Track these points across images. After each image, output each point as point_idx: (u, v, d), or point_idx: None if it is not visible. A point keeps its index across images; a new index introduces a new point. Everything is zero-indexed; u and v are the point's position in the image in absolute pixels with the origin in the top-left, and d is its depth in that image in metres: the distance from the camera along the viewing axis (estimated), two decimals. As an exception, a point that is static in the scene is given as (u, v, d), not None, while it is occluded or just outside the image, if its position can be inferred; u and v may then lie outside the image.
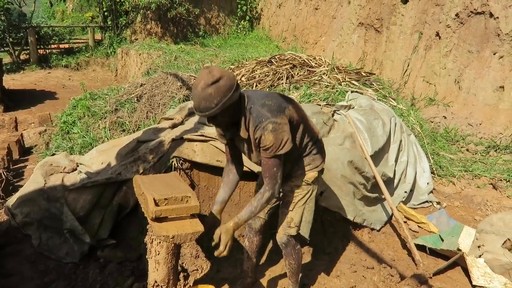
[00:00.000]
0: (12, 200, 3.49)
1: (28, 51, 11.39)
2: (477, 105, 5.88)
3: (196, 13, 11.53)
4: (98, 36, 13.02)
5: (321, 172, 2.39)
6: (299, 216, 2.35)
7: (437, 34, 6.58)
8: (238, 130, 2.11)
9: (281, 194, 2.42)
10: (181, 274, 2.83)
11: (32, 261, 3.13)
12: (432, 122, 6.03)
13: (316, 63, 5.85)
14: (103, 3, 11.85)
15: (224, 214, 3.14)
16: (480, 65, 5.90)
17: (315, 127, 2.38)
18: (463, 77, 6.12)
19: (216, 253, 2.15)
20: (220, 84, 1.89)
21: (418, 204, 4.03)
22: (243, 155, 2.39)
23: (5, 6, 10.18)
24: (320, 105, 4.04)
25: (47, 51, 12.02)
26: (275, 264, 3.01)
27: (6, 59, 10.82)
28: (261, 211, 2.21)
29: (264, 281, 2.86)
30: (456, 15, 6.21)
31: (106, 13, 12.09)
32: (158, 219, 2.00)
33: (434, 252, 3.21)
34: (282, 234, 2.42)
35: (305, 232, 2.41)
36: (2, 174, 4.09)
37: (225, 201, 2.43)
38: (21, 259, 3.16)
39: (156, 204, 1.98)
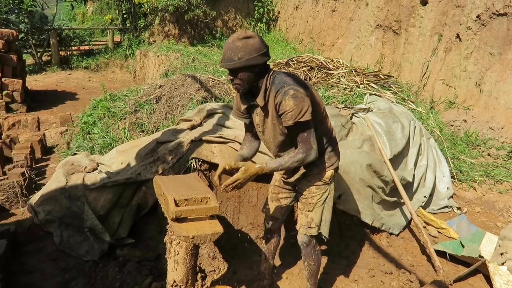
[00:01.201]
0: (35, 198, 3.57)
1: (50, 53, 11.65)
2: (499, 109, 5.75)
3: (213, 15, 11.61)
4: (117, 38, 13.23)
5: (336, 170, 2.39)
6: (319, 216, 2.36)
7: (458, 36, 6.47)
8: (255, 96, 2.14)
9: (299, 195, 2.42)
10: (199, 275, 2.86)
11: (53, 258, 3.19)
12: (452, 125, 5.93)
13: (333, 66, 5.82)
14: (122, 5, 12.04)
15: (241, 215, 3.17)
16: (503, 67, 5.78)
17: (330, 124, 2.38)
18: (484, 80, 5.99)
19: (214, 179, 2.16)
20: (249, 42, 1.99)
21: (437, 209, 3.96)
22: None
23: (29, 9, 10.43)
24: (338, 107, 4.01)
25: (68, 52, 12.27)
26: (292, 267, 3.00)
27: (29, 61, 11.08)
28: (289, 168, 2.17)
29: (281, 283, 2.86)
30: (477, 16, 6.10)
31: (125, 16, 12.28)
32: (178, 220, 2.02)
33: (454, 259, 3.16)
34: (303, 235, 2.43)
35: (325, 231, 2.41)
36: (26, 172, 4.19)
37: (247, 159, 2.43)
38: (42, 256, 3.22)
39: (177, 205, 2.00)
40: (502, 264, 2.75)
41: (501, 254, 2.81)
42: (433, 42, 6.96)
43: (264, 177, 3.04)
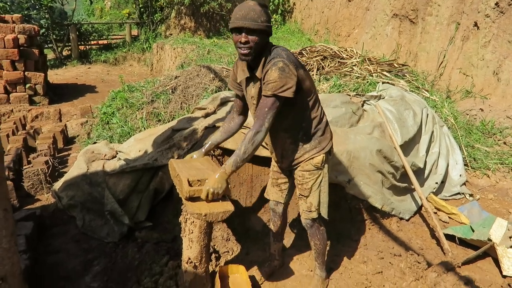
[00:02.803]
0: (58, 184, 3.75)
1: (69, 48, 11.96)
2: (517, 98, 5.68)
3: (229, 7, 11.69)
4: (134, 32, 13.46)
5: (328, 152, 2.39)
6: (316, 199, 2.41)
7: (475, 24, 6.38)
8: (253, 69, 2.17)
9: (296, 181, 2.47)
10: (213, 255, 2.98)
11: (76, 240, 3.37)
12: (467, 114, 5.87)
13: (347, 55, 5.84)
14: (139, 0, 12.24)
15: (253, 199, 3.28)
16: (521, 56, 5.69)
17: (321, 108, 2.38)
18: (502, 69, 5.90)
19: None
20: (268, 12, 2.09)
21: (449, 196, 3.98)
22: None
23: (49, 4, 10.72)
24: (349, 95, 4.06)
25: (87, 47, 12.57)
26: (302, 248, 3.09)
27: (50, 55, 11.41)
28: (250, 152, 2.07)
29: (292, 264, 2.96)
30: (496, 4, 5.99)
31: (142, 10, 12.48)
32: (192, 199, 2.13)
33: (464, 243, 3.19)
34: (305, 219, 2.51)
35: (324, 212, 2.45)
36: (49, 160, 4.39)
37: (217, 144, 2.55)
38: (66, 238, 3.40)
39: (190, 185, 2.11)
40: (511, 247, 2.78)
41: (510, 237, 2.84)
42: (450, 30, 6.87)
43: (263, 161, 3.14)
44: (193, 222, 2.28)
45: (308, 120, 2.28)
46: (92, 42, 12.95)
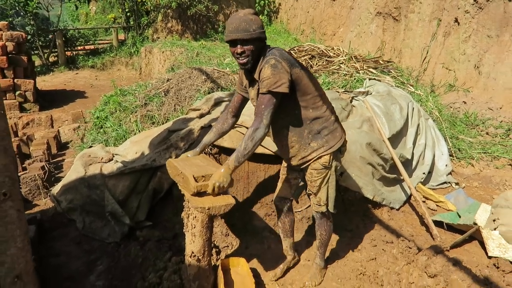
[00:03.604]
0: (56, 189, 3.79)
1: (56, 54, 11.89)
2: (497, 89, 5.90)
3: (215, 10, 11.77)
4: (121, 36, 13.44)
5: (337, 151, 2.44)
6: (325, 195, 2.52)
7: (456, 20, 6.60)
8: (253, 72, 2.27)
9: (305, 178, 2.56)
10: (213, 250, 3.09)
11: (77, 242, 3.42)
12: (451, 107, 6.09)
13: (334, 53, 5.99)
14: (125, 4, 12.24)
15: (250, 195, 3.39)
16: (500, 49, 5.91)
17: (330, 107, 2.43)
18: (482, 62, 6.13)
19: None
20: (258, 18, 2.18)
21: (436, 185, 4.15)
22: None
23: (34, 11, 10.66)
24: (339, 92, 4.21)
25: (74, 52, 12.51)
26: (300, 240, 3.23)
27: (37, 62, 11.30)
28: (250, 148, 2.14)
29: (303, 259, 3.09)
30: (475, 0, 6.22)
31: (128, 14, 12.48)
32: (198, 194, 2.24)
33: (451, 228, 3.36)
34: (315, 212, 2.64)
35: (330, 206, 2.57)
36: (45, 166, 4.44)
37: (209, 144, 2.65)
38: (67, 241, 3.46)
39: (196, 181, 2.22)
40: (494, 229, 2.95)
41: (494, 220, 3.01)
42: (432, 27, 7.09)
43: (270, 158, 3.27)
44: (196, 217, 2.39)
45: (312, 118, 2.33)
46: (79, 48, 12.89)
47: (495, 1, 5.94)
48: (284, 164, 2.74)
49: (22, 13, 10.97)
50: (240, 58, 2.18)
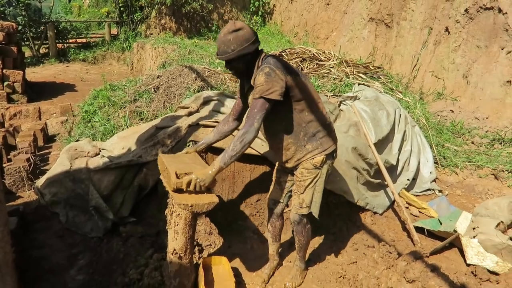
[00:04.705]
0: (41, 181, 3.77)
1: (47, 46, 11.78)
2: (484, 100, 5.99)
3: (210, 8, 11.77)
4: (114, 31, 13.35)
5: (330, 155, 2.50)
6: (309, 197, 2.52)
7: (447, 29, 6.70)
8: (249, 79, 2.34)
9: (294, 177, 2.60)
10: (196, 248, 3.09)
11: (60, 235, 3.41)
12: (439, 115, 6.17)
13: (325, 57, 6.04)
14: (119, -2, 12.18)
15: (235, 194, 3.41)
16: (488, 60, 6.01)
17: (325, 112, 2.50)
18: (471, 72, 6.23)
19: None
20: (239, 34, 2.20)
21: (420, 192, 4.21)
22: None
23: (26, 1, 10.54)
24: (327, 95, 4.24)
25: (65, 45, 12.40)
26: (282, 241, 3.24)
27: (27, 53, 11.19)
28: (238, 150, 2.18)
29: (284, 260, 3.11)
30: (466, 10, 6.32)
31: (122, 9, 12.41)
32: (179, 191, 2.25)
33: (432, 235, 3.41)
34: (294, 213, 2.63)
35: (315, 212, 2.57)
36: (31, 158, 4.40)
37: (210, 144, 2.69)
38: (50, 234, 3.44)
39: (177, 177, 2.23)
40: (474, 237, 3.01)
41: (474, 228, 3.06)
42: (423, 35, 7.18)
43: (256, 159, 3.29)
44: (179, 214, 2.39)
45: (308, 121, 2.39)
46: (71, 41, 12.78)
47: (485, 12, 6.05)
48: (278, 166, 2.78)
49: (14, 3, 10.86)
50: (231, 73, 2.29)
